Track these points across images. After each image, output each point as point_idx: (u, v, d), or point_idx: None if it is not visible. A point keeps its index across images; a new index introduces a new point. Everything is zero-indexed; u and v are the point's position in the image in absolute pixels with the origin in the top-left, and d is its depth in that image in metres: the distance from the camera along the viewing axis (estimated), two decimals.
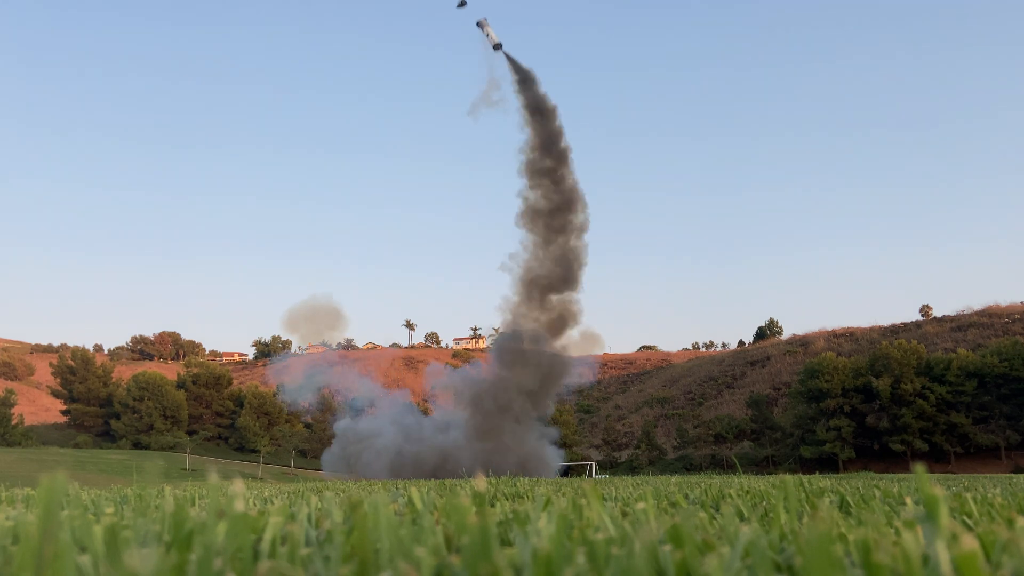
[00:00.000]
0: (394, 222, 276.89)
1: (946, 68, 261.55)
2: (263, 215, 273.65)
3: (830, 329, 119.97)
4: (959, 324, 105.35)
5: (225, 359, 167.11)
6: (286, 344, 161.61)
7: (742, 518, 2.60)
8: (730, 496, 4.17)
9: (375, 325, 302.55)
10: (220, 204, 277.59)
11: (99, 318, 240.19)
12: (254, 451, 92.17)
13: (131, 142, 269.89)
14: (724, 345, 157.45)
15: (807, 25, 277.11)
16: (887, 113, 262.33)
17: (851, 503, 3.60)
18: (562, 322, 52.37)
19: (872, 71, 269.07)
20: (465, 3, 49.59)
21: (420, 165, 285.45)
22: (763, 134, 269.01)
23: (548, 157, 51.16)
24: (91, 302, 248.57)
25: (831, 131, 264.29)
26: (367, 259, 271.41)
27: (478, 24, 50.54)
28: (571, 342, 53.76)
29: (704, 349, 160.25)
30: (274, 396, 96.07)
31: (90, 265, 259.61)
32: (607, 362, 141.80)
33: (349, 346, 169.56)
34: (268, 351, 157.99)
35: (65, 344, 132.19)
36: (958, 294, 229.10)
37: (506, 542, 1.83)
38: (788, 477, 2.40)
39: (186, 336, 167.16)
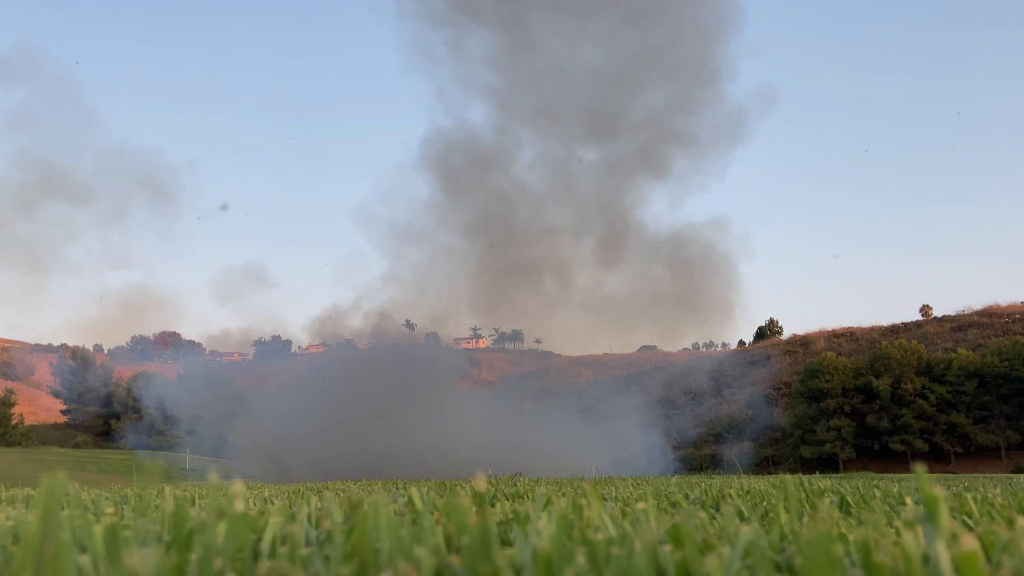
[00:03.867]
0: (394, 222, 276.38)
1: (943, 68, 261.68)
2: (262, 213, 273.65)
3: (830, 329, 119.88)
4: (959, 324, 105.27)
5: (225, 359, 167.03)
6: (285, 344, 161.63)
7: (742, 518, 2.60)
8: (730, 496, 4.17)
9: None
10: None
11: (99, 318, 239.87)
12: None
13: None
14: (724, 345, 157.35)
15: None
16: (886, 112, 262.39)
17: (851, 503, 3.60)
18: None
19: (869, 73, 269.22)
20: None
21: (419, 163, 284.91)
22: (759, 134, 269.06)
23: None
24: (92, 302, 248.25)
25: (831, 130, 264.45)
26: (367, 258, 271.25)
27: None
28: None
29: (704, 349, 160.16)
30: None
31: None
32: (607, 362, 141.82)
33: (349, 346, 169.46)
34: (268, 351, 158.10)
35: (65, 344, 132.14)
36: (958, 294, 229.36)
37: (506, 542, 1.83)
38: (788, 477, 2.40)
39: (186, 336, 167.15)
